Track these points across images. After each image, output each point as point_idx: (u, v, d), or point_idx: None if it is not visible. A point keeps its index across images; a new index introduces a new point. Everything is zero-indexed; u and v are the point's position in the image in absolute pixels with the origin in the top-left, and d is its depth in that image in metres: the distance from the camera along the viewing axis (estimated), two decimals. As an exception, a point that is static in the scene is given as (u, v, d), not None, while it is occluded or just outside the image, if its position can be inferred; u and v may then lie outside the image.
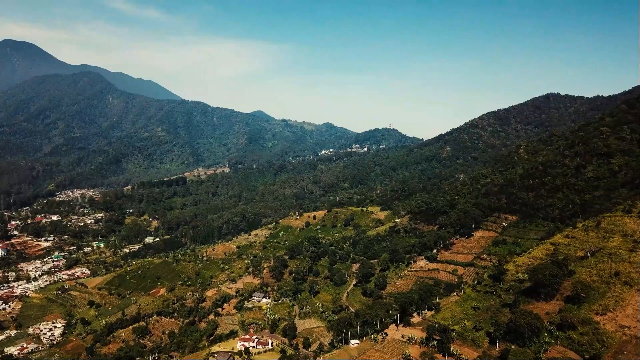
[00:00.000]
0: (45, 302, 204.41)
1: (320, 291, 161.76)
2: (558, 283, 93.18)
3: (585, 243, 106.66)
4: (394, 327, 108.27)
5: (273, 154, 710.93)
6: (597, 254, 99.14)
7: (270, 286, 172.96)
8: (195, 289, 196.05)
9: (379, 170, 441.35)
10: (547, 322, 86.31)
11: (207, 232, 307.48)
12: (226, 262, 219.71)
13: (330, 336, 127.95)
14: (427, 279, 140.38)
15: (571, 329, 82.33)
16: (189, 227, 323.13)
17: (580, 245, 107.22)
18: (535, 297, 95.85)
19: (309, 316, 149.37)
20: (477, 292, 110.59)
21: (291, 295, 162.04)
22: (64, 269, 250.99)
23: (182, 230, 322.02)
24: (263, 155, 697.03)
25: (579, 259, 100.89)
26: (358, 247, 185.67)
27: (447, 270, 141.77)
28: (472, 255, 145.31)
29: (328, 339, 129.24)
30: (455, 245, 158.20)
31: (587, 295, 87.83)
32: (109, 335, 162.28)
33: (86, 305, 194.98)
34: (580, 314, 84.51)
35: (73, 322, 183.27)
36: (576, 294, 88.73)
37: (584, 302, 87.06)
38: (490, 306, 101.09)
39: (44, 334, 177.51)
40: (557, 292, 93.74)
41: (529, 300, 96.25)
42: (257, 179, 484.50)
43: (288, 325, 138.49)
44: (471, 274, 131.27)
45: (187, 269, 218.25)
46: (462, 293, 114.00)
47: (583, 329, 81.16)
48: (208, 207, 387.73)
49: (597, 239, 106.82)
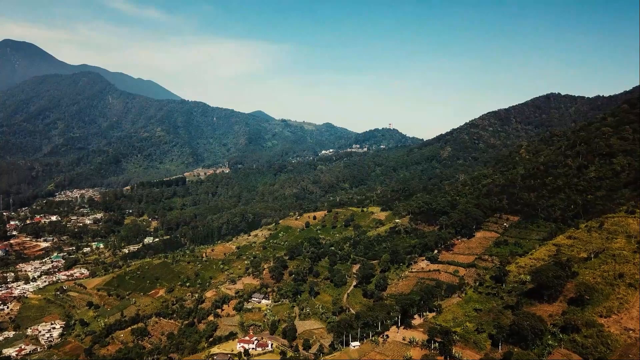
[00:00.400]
0: (44, 303, 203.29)
1: (320, 292, 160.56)
2: (561, 285, 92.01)
3: (588, 244, 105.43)
4: (395, 329, 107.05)
5: (273, 154, 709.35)
6: (601, 255, 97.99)
7: (270, 287, 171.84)
8: (195, 289, 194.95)
9: (379, 170, 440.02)
10: (550, 325, 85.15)
11: (207, 232, 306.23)
12: (226, 263, 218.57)
13: (331, 338, 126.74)
14: (428, 280, 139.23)
15: (575, 332, 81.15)
16: (188, 228, 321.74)
17: (583, 246, 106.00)
18: (538, 298, 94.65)
19: (309, 317, 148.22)
20: (479, 293, 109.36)
21: (291, 296, 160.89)
22: (62, 270, 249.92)
23: (181, 230, 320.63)
24: (263, 155, 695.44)
25: (583, 260, 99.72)
26: (358, 248, 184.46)
27: (448, 271, 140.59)
28: (473, 256, 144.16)
29: (328, 341, 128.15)
30: (456, 246, 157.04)
31: (591, 297, 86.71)
32: (108, 337, 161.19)
33: (85, 306, 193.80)
34: (584, 316, 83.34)
35: (72, 323, 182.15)
36: (580, 295, 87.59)
37: (588, 304, 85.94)
38: (493, 308, 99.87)
39: (43, 335, 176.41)
40: (561, 294, 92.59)
41: (532, 302, 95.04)
42: (257, 179, 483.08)
43: (288, 327, 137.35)
44: (472, 275, 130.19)
45: (186, 270, 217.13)
46: (464, 294, 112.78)
47: (587, 332, 79.99)
48: (208, 208, 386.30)
49: (600, 240, 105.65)
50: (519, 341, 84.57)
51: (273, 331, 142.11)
